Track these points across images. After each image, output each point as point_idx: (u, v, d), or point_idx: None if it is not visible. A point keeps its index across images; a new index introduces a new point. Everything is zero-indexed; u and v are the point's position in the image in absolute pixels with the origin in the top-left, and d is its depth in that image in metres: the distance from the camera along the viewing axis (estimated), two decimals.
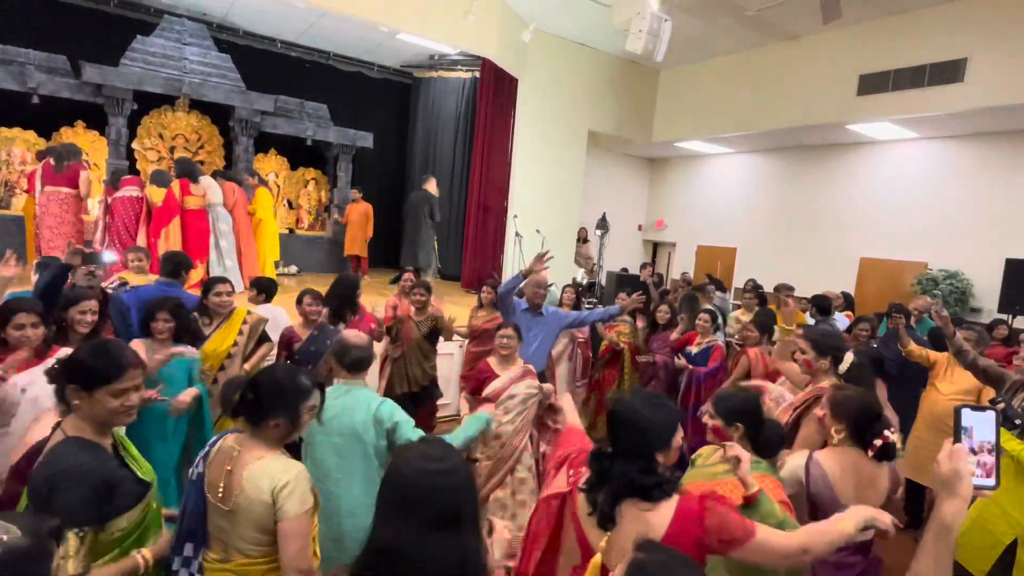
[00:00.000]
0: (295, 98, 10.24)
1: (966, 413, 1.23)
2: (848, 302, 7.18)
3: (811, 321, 5.45)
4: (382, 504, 1.26)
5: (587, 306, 7.07)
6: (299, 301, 3.88)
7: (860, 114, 8.36)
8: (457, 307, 6.57)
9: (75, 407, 1.62)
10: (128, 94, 8.39)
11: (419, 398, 4.44)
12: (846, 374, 2.68)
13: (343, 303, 4.11)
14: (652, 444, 1.55)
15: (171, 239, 6.85)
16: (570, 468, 1.77)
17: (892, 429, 2.11)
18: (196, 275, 6.10)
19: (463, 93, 10.72)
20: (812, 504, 2.09)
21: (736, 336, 5.33)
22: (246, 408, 1.81)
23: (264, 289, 4.24)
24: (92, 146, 8.95)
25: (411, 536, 1.17)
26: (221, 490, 1.76)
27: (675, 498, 1.53)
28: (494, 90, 9.50)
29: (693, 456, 2.21)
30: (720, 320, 5.29)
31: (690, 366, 4.69)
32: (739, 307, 6.67)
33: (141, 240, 6.97)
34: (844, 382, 2.61)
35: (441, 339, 4.61)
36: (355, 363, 2.49)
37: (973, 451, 1.21)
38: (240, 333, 3.62)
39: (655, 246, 14.42)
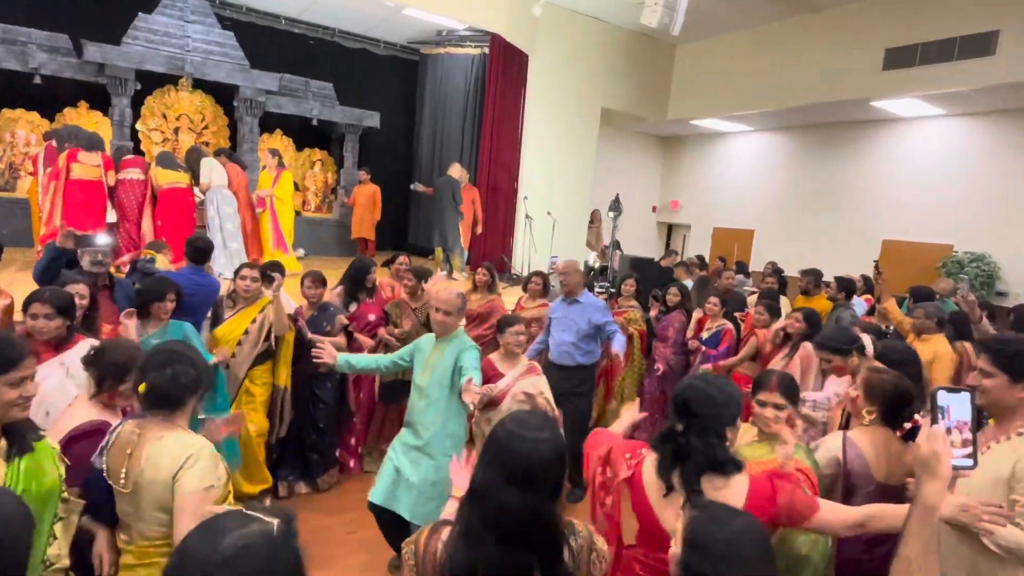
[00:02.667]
0: (300, 76, 10.21)
1: (942, 394, 1.26)
2: (868, 286, 7.10)
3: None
4: (485, 466, 1.41)
5: (598, 291, 7.06)
6: (301, 284, 4.00)
7: (885, 90, 8.20)
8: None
9: None
10: (130, 73, 8.40)
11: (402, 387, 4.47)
12: (880, 356, 2.74)
13: (353, 284, 4.39)
14: (724, 420, 1.67)
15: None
16: (624, 454, 1.80)
17: (922, 413, 2.20)
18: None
19: (472, 70, 10.63)
20: (848, 481, 2.18)
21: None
22: (163, 394, 1.82)
23: (272, 271, 4.23)
24: (96, 127, 8.95)
25: (494, 485, 1.37)
26: (123, 475, 1.79)
27: (745, 476, 1.65)
28: (503, 67, 9.41)
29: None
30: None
31: (703, 347, 4.74)
32: (754, 293, 6.62)
33: (147, 225, 7.03)
34: (882, 364, 2.67)
35: None
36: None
37: (950, 431, 1.24)
38: (253, 321, 3.66)
39: (670, 228, 14.33)
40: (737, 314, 5.15)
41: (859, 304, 6.03)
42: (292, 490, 3.99)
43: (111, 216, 7.06)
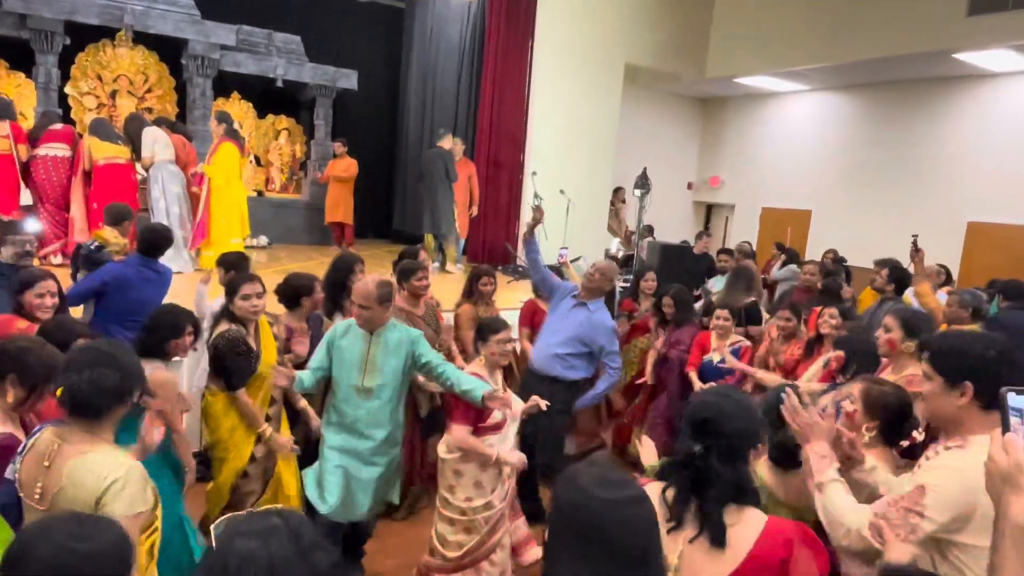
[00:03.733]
0: (261, 28, 10.21)
1: (1012, 397, 1.27)
2: (947, 277, 7.05)
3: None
4: (557, 536, 1.34)
5: (623, 284, 7.05)
6: (311, 290, 3.92)
7: (971, 40, 8.13)
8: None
9: None
10: (58, 26, 8.42)
11: (443, 414, 4.30)
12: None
13: (335, 289, 4.17)
14: (750, 440, 1.71)
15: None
16: None
17: (919, 429, 2.37)
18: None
19: (468, 20, 10.61)
20: None
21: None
22: (82, 400, 1.86)
23: (231, 265, 4.22)
24: (18, 91, 9.03)
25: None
26: (38, 491, 1.84)
27: (760, 515, 1.69)
28: (506, 15, 9.38)
29: None
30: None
31: (702, 386, 4.39)
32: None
33: (77, 208, 7.07)
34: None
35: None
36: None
37: None
38: (276, 338, 3.60)
39: (709, 209, 14.29)
40: (752, 330, 5.11)
41: (942, 299, 5.99)
42: None
43: (26, 198, 7.08)
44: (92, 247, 4.60)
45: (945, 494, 1.69)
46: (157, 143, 7.48)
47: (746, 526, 1.64)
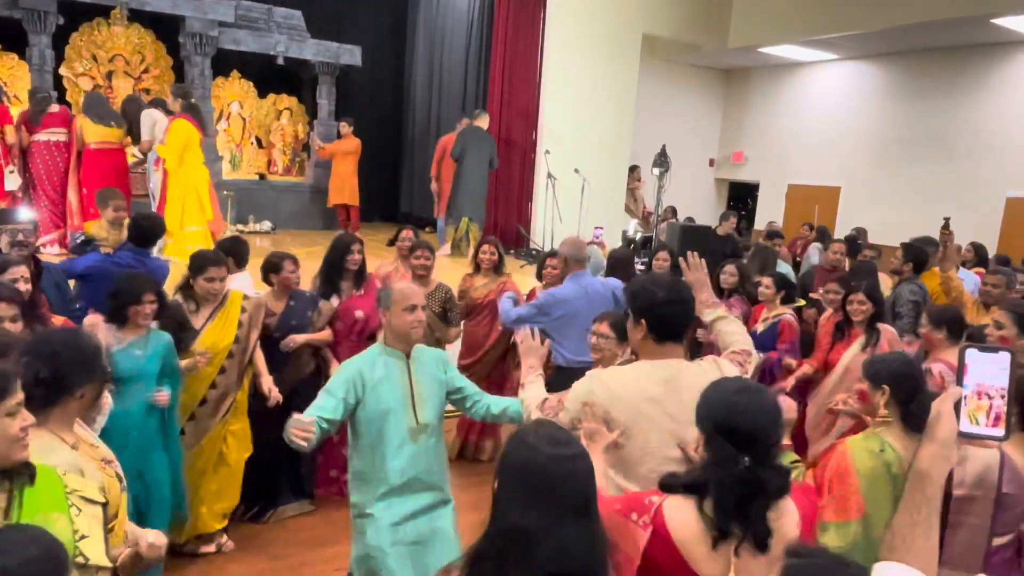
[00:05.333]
0: (261, 3, 10.18)
1: (970, 353, 1.45)
2: (980, 256, 6.93)
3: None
4: (508, 488, 1.52)
5: (640, 267, 7.01)
6: (278, 268, 4.00)
7: (1012, 3, 7.97)
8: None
9: None
10: (51, 5, 8.43)
11: None
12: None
13: (331, 270, 4.29)
14: (781, 435, 1.77)
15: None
16: (629, 514, 1.79)
17: None
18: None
19: None
20: (1001, 505, 2.31)
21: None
22: (42, 387, 1.85)
23: (231, 252, 4.27)
24: (11, 73, 9.08)
25: (547, 522, 1.45)
26: None
27: (789, 500, 1.74)
28: None
29: None
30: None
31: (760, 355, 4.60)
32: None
33: (72, 195, 7.12)
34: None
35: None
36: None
37: (989, 395, 1.42)
38: (240, 325, 3.65)
39: (732, 187, 14.18)
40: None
41: (969, 278, 5.94)
42: (259, 516, 4.08)
43: (11, 183, 7.11)
44: (78, 241, 4.63)
45: (576, 392, 2.25)
46: (157, 126, 7.49)
47: (785, 517, 1.68)
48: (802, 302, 5.47)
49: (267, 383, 3.71)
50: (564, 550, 1.43)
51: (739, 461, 1.64)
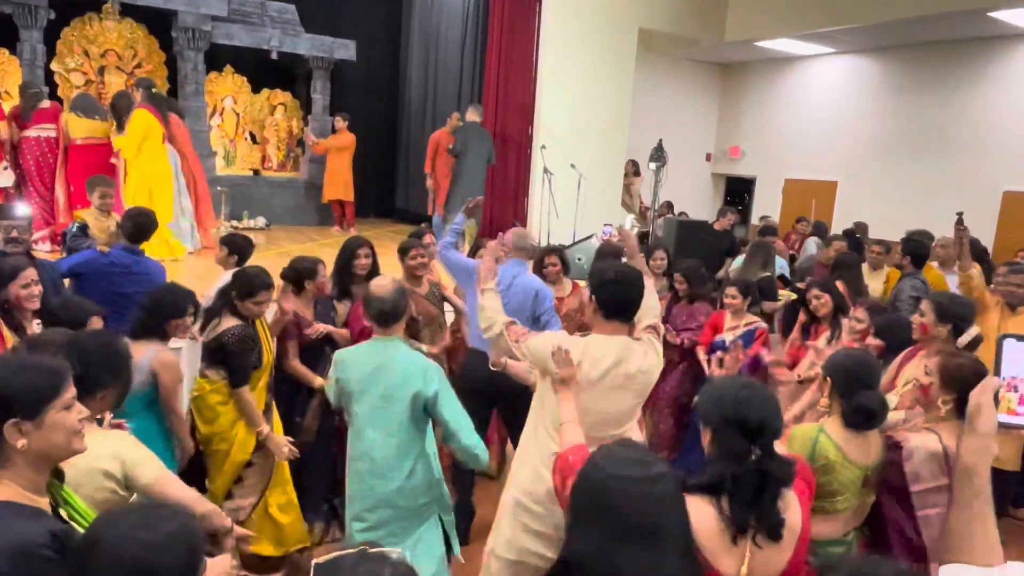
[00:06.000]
0: None
1: (1009, 343, 1.43)
2: (974, 249, 6.97)
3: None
4: (573, 511, 1.50)
5: None
6: (314, 274, 3.94)
7: None
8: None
9: (10, 456, 1.54)
10: (42, 0, 8.40)
11: None
12: (969, 347, 3.02)
13: (341, 274, 4.25)
14: (781, 425, 1.85)
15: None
16: None
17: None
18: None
19: None
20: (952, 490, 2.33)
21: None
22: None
23: (238, 249, 4.18)
24: (1, 68, 9.04)
25: (599, 546, 1.39)
26: None
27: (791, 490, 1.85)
28: None
29: None
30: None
31: (718, 371, 4.44)
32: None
33: (60, 190, 7.09)
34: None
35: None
36: (379, 316, 2.89)
37: (1017, 388, 1.42)
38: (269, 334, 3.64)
39: (729, 182, 14.20)
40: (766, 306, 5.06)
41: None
42: None
43: (4, 179, 7.06)
44: (75, 230, 4.61)
45: (534, 341, 2.62)
46: None
47: (791, 506, 1.77)
48: (792, 295, 5.51)
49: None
50: None
51: (751, 452, 1.74)
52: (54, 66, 9.23)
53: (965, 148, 9.94)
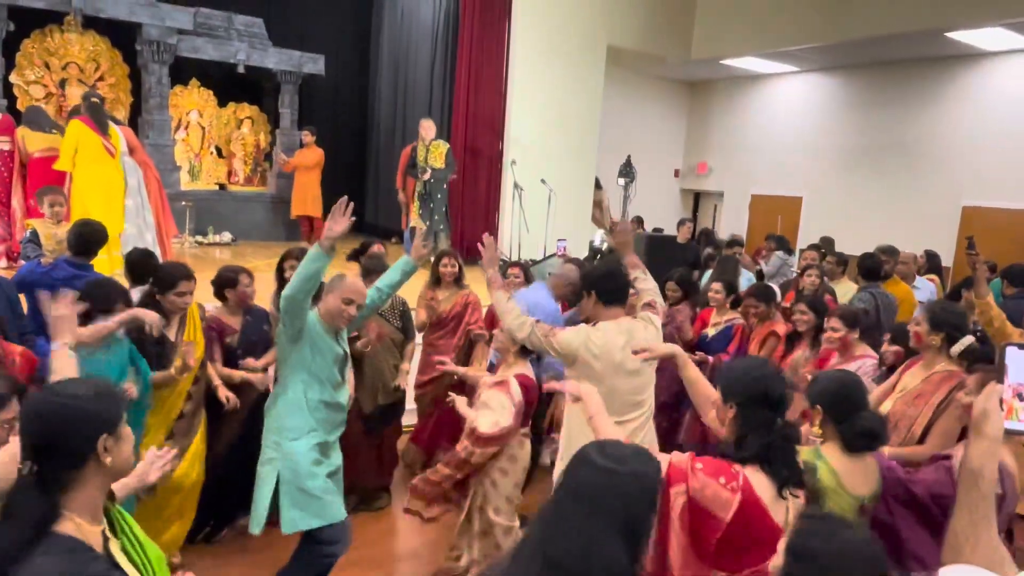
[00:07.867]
0: (221, 11, 10.11)
1: (1011, 351, 1.47)
2: (932, 263, 7.19)
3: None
4: (558, 494, 1.51)
5: None
6: (234, 283, 3.91)
7: (965, 18, 8.24)
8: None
9: (87, 480, 1.51)
10: (2, 11, 8.28)
11: (388, 414, 4.53)
12: (963, 355, 3.08)
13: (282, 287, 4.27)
14: (791, 397, 2.19)
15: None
16: (717, 478, 2.01)
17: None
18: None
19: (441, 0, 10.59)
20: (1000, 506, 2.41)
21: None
22: None
23: (139, 271, 3.91)
24: None
25: (588, 537, 1.41)
26: None
27: None
28: None
29: None
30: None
31: (709, 358, 4.65)
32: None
33: (17, 205, 6.97)
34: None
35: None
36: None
37: (1021, 396, 1.45)
38: (204, 335, 3.64)
39: (696, 197, 14.38)
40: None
41: (923, 285, 6.15)
42: (212, 535, 4.01)
43: None
44: (27, 240, 4.55)
45: (564, 336, 2.94)
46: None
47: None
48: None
49: (223, 392, 3.67)
50: (585, 565, 1.38)
51: (776, 421, 2.05)
52: (13, 78, 9.09)
53: (925, 164, 10.18)
